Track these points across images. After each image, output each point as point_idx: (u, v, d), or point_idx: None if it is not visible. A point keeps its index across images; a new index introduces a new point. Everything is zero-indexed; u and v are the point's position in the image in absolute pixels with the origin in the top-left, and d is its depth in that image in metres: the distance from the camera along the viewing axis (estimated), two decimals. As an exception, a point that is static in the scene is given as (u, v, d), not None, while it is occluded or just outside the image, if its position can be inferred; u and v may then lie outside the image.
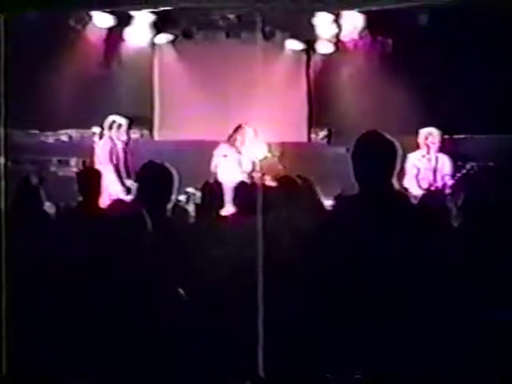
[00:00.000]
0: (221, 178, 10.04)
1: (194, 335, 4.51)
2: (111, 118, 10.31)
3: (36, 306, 4.95)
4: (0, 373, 4.76)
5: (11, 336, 4.77)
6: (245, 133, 10.46)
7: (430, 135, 10.30)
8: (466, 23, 10.41)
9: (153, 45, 11.72)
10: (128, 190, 9.57)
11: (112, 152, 10.17)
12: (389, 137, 4.05)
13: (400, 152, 4.06)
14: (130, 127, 10.47)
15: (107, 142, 10.25)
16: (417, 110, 10.69)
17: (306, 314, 4.00)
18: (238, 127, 10.47)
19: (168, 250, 4.66)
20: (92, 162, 10.19)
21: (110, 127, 10.29)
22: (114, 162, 10.12)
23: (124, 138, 10.30)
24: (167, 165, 4.94)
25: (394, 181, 4.03)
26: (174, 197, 4.92)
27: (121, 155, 10.23)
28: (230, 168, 10.24)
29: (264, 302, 4.52)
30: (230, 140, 10.45)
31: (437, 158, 10.31)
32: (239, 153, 10.45)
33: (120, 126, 10.29)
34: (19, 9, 6.15)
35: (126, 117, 10.38)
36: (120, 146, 10.27)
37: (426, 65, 10.89)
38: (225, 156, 10.34)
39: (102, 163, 9.92)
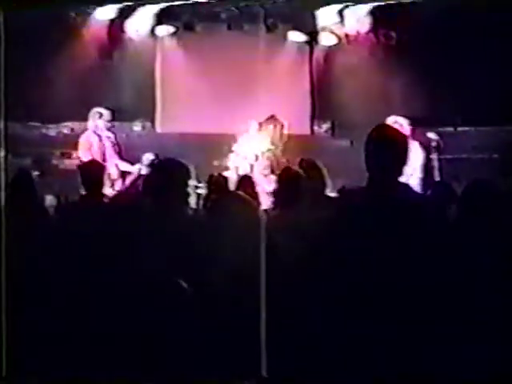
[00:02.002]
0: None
1: (197, 334, 4.48)
2: (94, 110, 10.17)
3: (36, 304, 4.91)
4: (0, 374, 4.73)
5: (11, 337, 4.74)
6: (277, 123, 10.49)
7: (395, 124, 9.96)
8: (462, 17, 10.34)
9: (154, 37, 11.68)
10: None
11: (91, 144, 9.99)
12: (402, 131, 4.05)
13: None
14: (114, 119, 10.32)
15: (86, 135, 10.11)
16: (420, 101, 10.63)
17: (310, 313, 3.96)
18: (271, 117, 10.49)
19: (172, 245, 4.61)
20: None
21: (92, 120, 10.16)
22: (93, 154, 9.88)
23: (104, 130, 10.12)
24: (184, 162, 4.87)
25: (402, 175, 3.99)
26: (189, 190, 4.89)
27: (99, 147, 10.01)
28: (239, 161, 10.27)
29: (267, 301, 4.48)
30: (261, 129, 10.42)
31: None
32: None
33: (101, 116, 10.13)
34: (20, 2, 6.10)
35: (108, 108, 10.22)
36: (98, 139, 10.05)
37: (429, 57, 10.83)
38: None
39: (82, 155, 9.83)
